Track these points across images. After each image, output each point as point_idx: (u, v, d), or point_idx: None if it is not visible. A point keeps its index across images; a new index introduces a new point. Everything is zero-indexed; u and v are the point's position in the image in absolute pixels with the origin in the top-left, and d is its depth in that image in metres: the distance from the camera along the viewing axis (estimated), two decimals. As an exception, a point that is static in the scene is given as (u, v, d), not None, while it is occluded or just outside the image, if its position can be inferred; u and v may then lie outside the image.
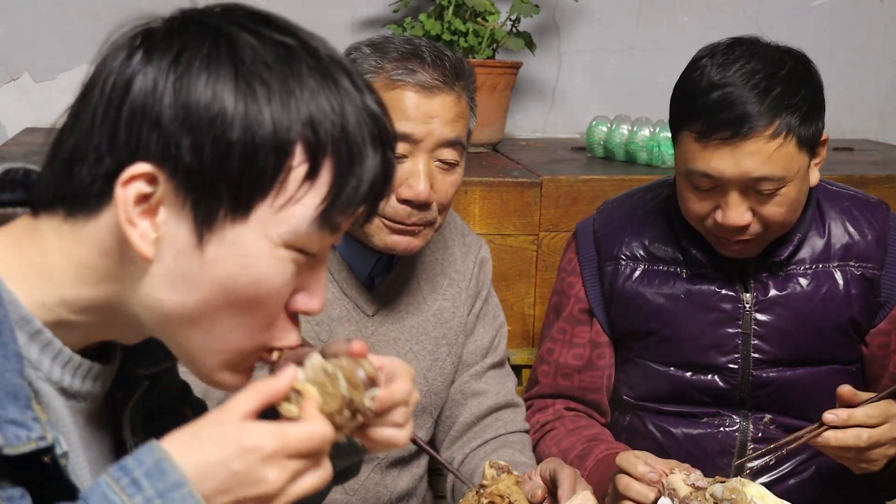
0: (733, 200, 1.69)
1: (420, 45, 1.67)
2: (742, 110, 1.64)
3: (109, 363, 1.04)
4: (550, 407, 1.95)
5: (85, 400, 1.01)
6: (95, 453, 1.04)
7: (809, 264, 1.83)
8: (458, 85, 1.66)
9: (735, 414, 1.86)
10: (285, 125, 0.91)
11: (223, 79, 0.90)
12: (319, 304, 0.98)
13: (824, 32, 3.29)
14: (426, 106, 1.63)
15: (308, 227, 0.93)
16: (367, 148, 0.94)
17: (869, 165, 2.78)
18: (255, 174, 0.91)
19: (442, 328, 1.84)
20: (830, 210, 1.85)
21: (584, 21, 3.14)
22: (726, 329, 1.83)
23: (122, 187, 0.91)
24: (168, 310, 0.94)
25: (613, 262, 1.90)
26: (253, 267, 0.93)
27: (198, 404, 1.20)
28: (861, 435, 1.57)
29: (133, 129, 0.91)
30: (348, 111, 0.93)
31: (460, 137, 1.67)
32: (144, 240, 0.92)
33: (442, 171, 1.67)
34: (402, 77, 1.62)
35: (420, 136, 1.63)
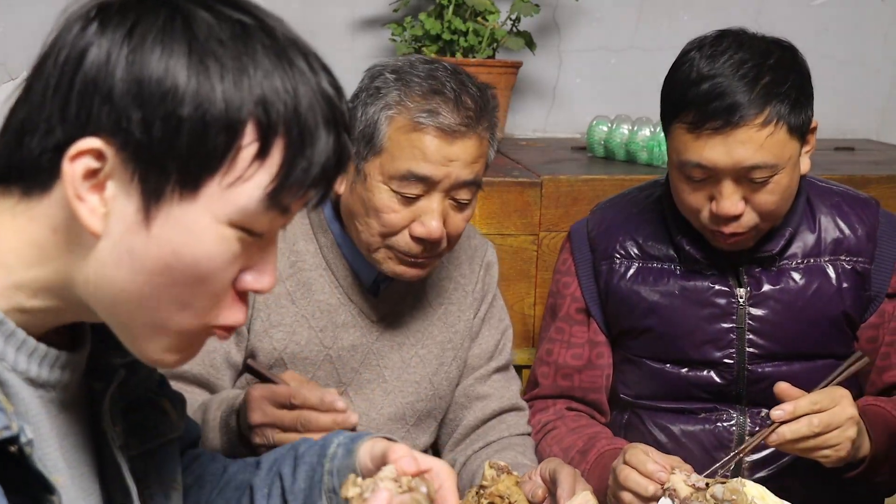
0: (727, 190, 1.70)
1: (444, 79, 1.64)
2: (732, 100, 1.66)
3: (77, 351, 1.03)
4: (551, 407, 1.95)
5: (55, 389, 1.00)
6: (72, 443, 1.03)
7: (801, 259, 1.85)
8: (481, 126, 1.65)
9: (732, 409, 1.87)
10: (237, 104, 0.90)
11: (177, 54, 0.90)
12: (269, 282, 0.98)
13: (825, 32, 3.28)
14: (446, 150, 1.62)
15: (256, 207, 0.93)
16: (319, 130, 0.94)
17: (870, 165, 2.77)
18: (205, 151, 0.90)
19: (447, 332, 1.84)
20: (821, 205, 1.87)
21: (584, 20, 3.13)
22: (721, 324, 1.84)
23: (70, 162, 0.90)
24: (115, 286, 0.94)
25: (608, 260, 1.91)
26: (197, 244, 0.92)
27: (175, 397, 1.20)
28: (812, 420, 1.60)
29: (84, 102, 0.90)
30: (301, 92, 0.93)
31: (478, 177, 1.67)
32: (93, 215, 0.91)
33: (454, 209, 1.67)
34: (423, 120, 1.61)
35: (438, 178, 1.62)
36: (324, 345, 1.73)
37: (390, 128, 1.63)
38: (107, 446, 1.06)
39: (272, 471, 1.27)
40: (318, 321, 1.73)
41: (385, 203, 1.63)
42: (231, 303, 0.97)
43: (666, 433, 1.89)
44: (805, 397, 1.62)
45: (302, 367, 1.71)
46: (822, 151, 2.98)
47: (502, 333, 1.92)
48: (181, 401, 1.21)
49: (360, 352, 1.76)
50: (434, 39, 2.70)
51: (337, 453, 1.21)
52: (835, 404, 1.63)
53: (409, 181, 1.62)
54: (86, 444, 1.05)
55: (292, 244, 1.73)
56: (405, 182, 1.62)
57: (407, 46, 2.73)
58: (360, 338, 1.75)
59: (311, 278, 1.73)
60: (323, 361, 1.73)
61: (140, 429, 1.12)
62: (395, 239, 1.65)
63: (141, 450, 1.12)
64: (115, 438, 1.07)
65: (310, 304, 1.73)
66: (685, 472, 1.53)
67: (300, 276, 1.73)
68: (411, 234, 1.64)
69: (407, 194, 1.63)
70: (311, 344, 1.72)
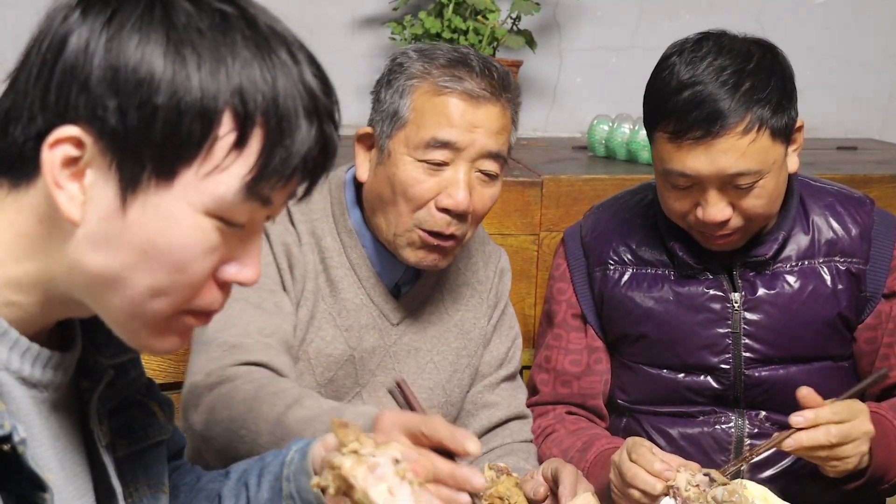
0: (712, 198, 1.70)
1: (468, 53, 1.65)
2: (713, 108, 1.65)
3: (69, 351, 1.03)
4: (551, 412, 1.95)
5: (47, 389, 1.00)
6: (64, 445, 1.03)
7: (795, 261, 1.84)
8: (504, 97, 1.64)
9: (730, 412, 1.87)
10: (212, 93, 0.90)
11: (154, 42, 0.90)
12: (252, 274, 0.98)
13: (827, 31, 3.28)
14: (471, 115, 1.61)
15: (234, 197, 0.93)
16: (299, 120, 0.93)
17: (872, 165, 2.77)
18: (180, 140, 0.90)
19: (463, 339, 1.82)
20: (814, 206, 1.86)
21: (585, 19, 3.12)
22: (716, 329, 1.84)
23: (49, 150, 0.91)
24: (92, 273, 0.94)
25: (602, 266, 1.91)
26: (172, 233, 0.92)
27: (163, 400, 1.20)
28: (830, 430, 1.59)
29: (63, 90, 0.91)
30: (281, 82, 0.92)
31: (502, 150, 1.65)
32: (72, 202, 0.92)
33: (482, 183, 1.65)
34: (448, 84, 1.61)
35: (463, 145, 1.61)
36: (349, 345, 1.71)
37: (413, 96, 1.63)
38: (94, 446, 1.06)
39: (240, 481, 1.26)
40: (345, 320, 1.72)
41: (410, 174, 1.62)
42: (209, 291, 0.97)
43: (665, 437, 1.89)
44: (827, 407, 1.61)
45: (325, 365, 1.70)
46: (823, 151, 2.98)
47: (512, 341, 1.90)
48: (169, 404, 1.21)
49: (378, 354, 1.74)
50: (434, 38, 2.69)
51: (294, 458, 1.20)
52: (854, 417, 1.61)
53: (433, 148, 1.61)
54: (78, 446, 1.05)
55: (319, 240, 1.72)
56: (430, 149, 1.61)
57: (407, 45, 2.72)
58: (379, 340, 1.74)
59: (338, 276, 1.72)
60: (346, 362, 1.72)
61: (128, 430, 1.12)
62: (421, 214, 1.63)
63: (128, 451, 1.12)
64: (101, 437, 1.07)
65: (337, 302, 1.71)
66: (691, 471, 1.53)
67: (328, 273, 1.72)
68: (438, 205, 1.62)
69: (432, 161, 1.61)
70: (336, 342, 1.71)
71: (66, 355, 1.02)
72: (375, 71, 3.03)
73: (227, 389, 1.49)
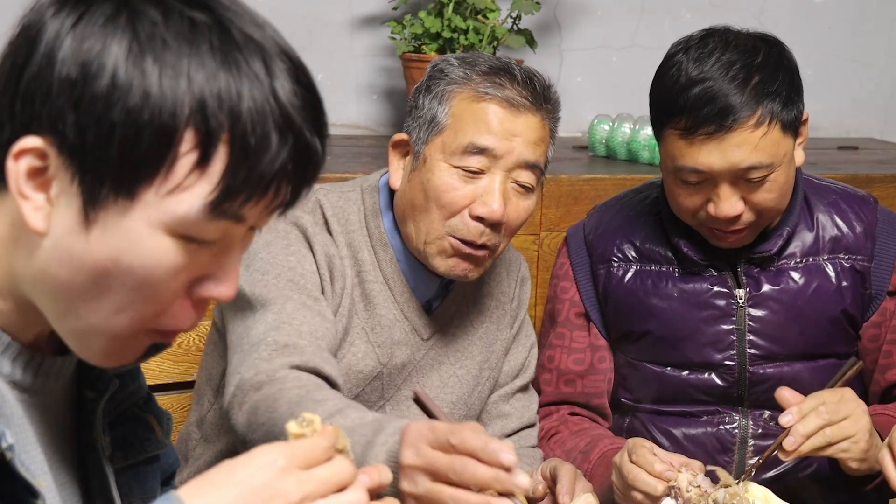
0: (724, 192, 1.69)
1: (510, 62, 1.63)
2: (724, 103, 1.65)
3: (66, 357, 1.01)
4: (555, 413, 1.94)
5: (38, 394, 0.98)
6: (55, 451, 1.01)
7: (800, 258, 1.84)
8: (544, 108, 1.63)
9: (734, 411, 1.86)
10: (170, 109, 0.85)
11: (114, 52, 0.85)
12: (228, 290, 0.94)
13: (829, 30, 3.27)
14: (510, 123, 1.59)
15: (197, 216, 0.88)
16: (269, 138, 0.87)
17: (874, 164, 2.76)
18: (138, 158, 0.86)
19: (485, 351, 1.80)
20: (818, 203, 1.86)
21: (585, 18, 3.12)
22: (721, 326, 1.83)
23: (14, 160, 0.88)
24: (56, 286, 0.91)
25: (606, 264, 1.90)
26: (134, 252, 0.88)
27: (161, 414, 1.18)
28: (825, 433, 1.57)
29: (27, 100, 0.87)
30: (248, 96, 0.87)
31: (539, 162, 1.62)
32: (37, 212, 0.89)
33: (517, 194, 1.62)
34: (489, 90, 1.59)
35: (500, 153, 1.58)
36: (380, 361, 1.67)
37: (453, 101, 1.61)
38: (94, 456, 1.05)
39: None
40: (378, 336, 1.68)
41: (445, 181, 1.59)
42: (180, 309, 0.93)
43: (668, 437, 1.88)
44: (809, 397, 1.60)
45: (354, 381, 1.65)
46: (825, 150, 2.98)
47: (528, 350, 1.88)
48: (168, 418, 1.19)
49: (407, 370, 1.71)
50: (434, 37, 2.68)
51: None
52: (838, 397, 1.60)
53: (470, 154, 1.58)
54: (68, 454, 1.04)
55: (356, 252, 1.68)
56: (467, 155, 1.58)
57: (407, 45, 2.72)
58: (409, 356, 1.70)
59: (373, 291, 1.68)
60: (375, 378, 1.68)
61: (125, 443, 1.11)
62: (454, 222, 1.59)
63: (125, 464, 1.10)
64: (104, 449, 1.06)
65: (371, 317, 1.68)
66: (692, 471, 1.52)
67: (364, 287, 1.68)
68: (471, 213, 1.59)
69: (468, 168, 1.58)
70: (367, 358, 1.66)
71: (60, 360, 1.00)
72: (375, 70, 3.07)
73: (274, 391, 1.43)
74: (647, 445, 1.57)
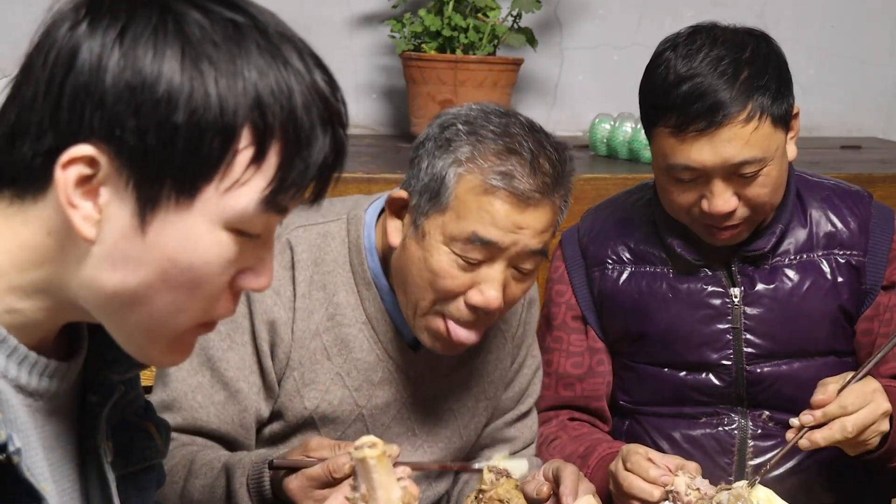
0: (717, 188, 1.69)
1: (520, 137, 1.51)
2: (714, 99, 1.65)
3: (71, 360, 1.02)
4: (554, 419, 1.94)
5: (42, 398, 0.99)
6: (58, 456, 1.02)
7: (794, 255, 1.83)
8: (556, 194, 1.53)
9: (733, 412, 1.86)
10: (232, 108, 0.89)
11: (170, 58, 0.88)
12: (266, 281, 0.97)
13: (831, 28, 3.26)
14: (517, 217, 1.49)
15: (254, 211, 0.92)
16: (315, 130, 0.92)
17: (876, 164, 2.76)
18: (201, 158, 0.89)
19: (482, 382, 1.75)
20: (811, 200, 1.87)
21: (586, 17, 3.11)
22: (716, 325, 1.83)
23: (63, 169, 0.89)
24: (109, 291, 0.93)
25: (600, 266, 1.90)
26: (194, 250, 0.91)
27: (160, 422, 1.19)
28: (846, 426, 1.58)
29: (76, 108, 0.89)
30: (297, 92, 0.91)
31: (545, 247, 1.55)
32: (87, 221, 0.90)
33: (516, 278, 1.55)
34: (496, 182, 1.48)
35: (504, 246, 1.50)
36: (357, 404, 1.63)
37: (459, 186, 1.50)
38: (96, 462, 1.05)
39: None
40: (354, 380, 1.63)
41: (444, 266, 1.50)
42: (224, 301, 0.97)
43: (668, 439, 1.87)
44: (834, 404, 1.60)
45: (332, 427, 1.63)
46: (827, 149, 2.97)
47: (534, 373, 1.84)
48: (166, 427, 1.20)
49: (394, 408, 1.67)
50: (434, 36, 2.68)
51: None
52: (866, 402, 1.60)
53: (473, 244, 1.49)
54: (71, 458, 1.04)
55: (332, 295, 1.62)
56: (469, 245, 1.49)
57: (406, 43, 2.71)
58: (395, 394, 1.66)
59: (350, 334, 1.62)
60: (355, 420, 1.64)
61: (125, 450, 1.11)
62: (446, 305, 1.53)
63: (125, 471, 1.11)
64: (107, 454, 1.06)
65: (346, 361, 1.62)
66: (689, 474, 1.51)
67: (338, 332, 1.62)
68: (467, 301, 1.51)
69: (469, 258, 1.50)
70: (344, 403, 1.63)
71: (66, 364, 1.01)
72: (374, 69, 3.06)
73: None
74: (642, 451, 1.57)
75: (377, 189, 2.40)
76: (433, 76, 2.65)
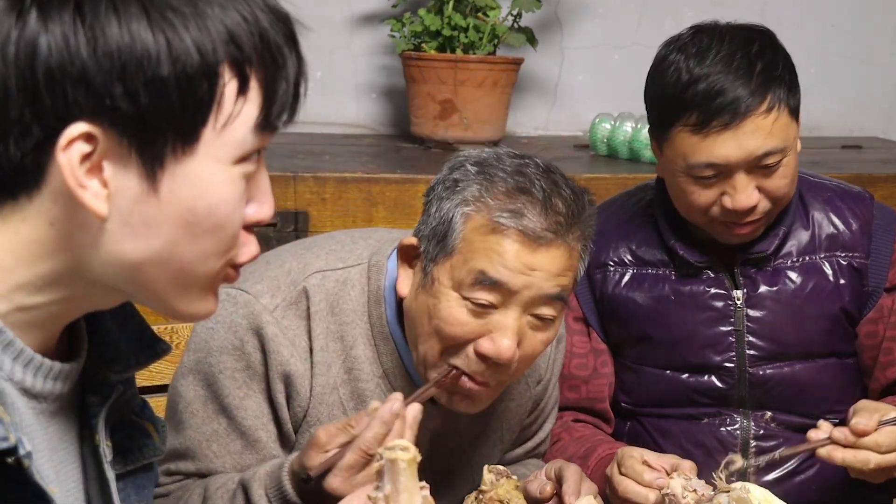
0: (740, 183, 1.69)
1: (533, 176, 1.42)
2: (735, 93, 1.66)
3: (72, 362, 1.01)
4: (558, 420, 1.92)
5: (46, 400, 0.99)
6: (62, 457, 1.02)
7: (797, 257, 1.83)
8: (571, 235, 1.42)
9: (735, 413, 1.85)
10: (209, 48, 0.90)
11: (135, 17, 0.89)
12: (269, 209, 0.99)
13: (832, 28, 3.26)
14: (528, 258, 1.39)
15: (252, 137, 0.94)
16: (284, 49, 0.94)
17: (877, 164, 2.76)
18: (194, 104, 0.90)
19: (501, 430, 1.68)
20: (813, 201, 1.86)
21: (586, 16, 3.11)
22: (719, 327, 1.82)
23: (64, 152, 0.89)
24: (135, 259, 0.93)
25: (602, 269, 1.89)
26: (210, 193, 0.93)
27: (158, 421, 1.18)
28: (869, 461, 1.55)
29: (56, 91, 0.88)
30: (260, 17, 0.93)
31: (564, 292, 1.43)
32: (97, 199, 0.90)
33: (534, 328, 1.44)
34: (505, 221, 1.39)
35: (516, 288, 1.39)
36: None
37: (466, 227, 1.42)
38: (96, 462, 1.05)
39: None
40: None
41: (452, 313, 1.41)
42: (245, 238, 0.98)
43: (669, 440, 1.86)
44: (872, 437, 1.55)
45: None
46: (828, 149, 2.97)
47: (554, 405, 1.79)
48: (163, 425, 1.19)
49: None
50: (434, 36, 2.67)
51: None
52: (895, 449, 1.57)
53: (481, 285, 1.40)
54: (73, 459, 1.04)
55: (350, 348, 1.54)
56: (477, 287, 1.40)
57: (406, 43, 2.71)
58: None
59: (367, 389, 1.54)
60: None
61: (123, 449, 1.11)
62: (455, 356, 1.43)
63: (124, 470, 1.10)
64: (107, 454, 1.06)
65: None
66: (685, 475, 1.51)
67: (355, 386, 1.54)
68: (477, 350, 1.41)
69: (479, 301, 1.40)
70: None
71: (68, 366, 1.00)
72: (375, 69, 3.06)
73: None
74: (637, 454, 1.55)
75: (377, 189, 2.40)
76: (433, 76, 2.65)
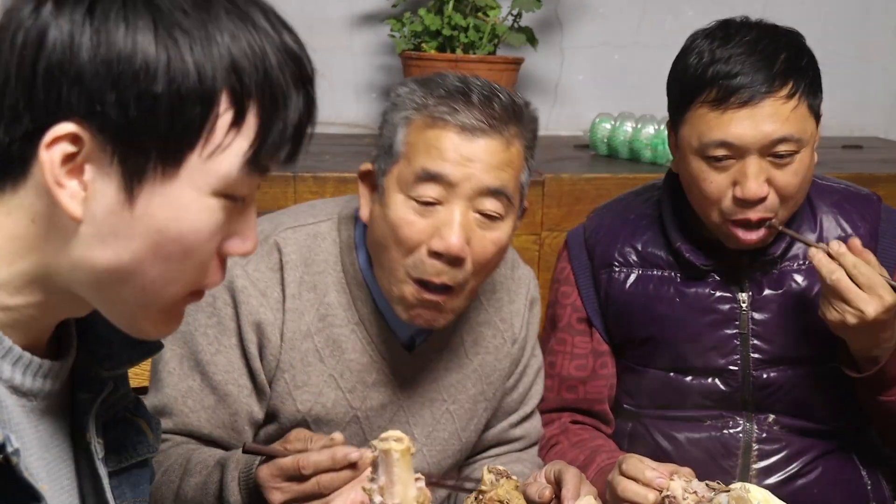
0: (752, 170, 1.68)
1: (472, 83, 1.50)
2: (756, 74, 1.67)
3: (62, 359, 1.01)
4: (556, 421, 1.93)
5: (36, 398, 0.99)
6: (54, 455, 1.02)
7: (803, 260, 1.82)
8: (508, 130, 1.49)
9: (738, 416, 1.85)
10: (210, 74, 0.89)
11: (142, 29, 0.88)
12: (252, 245, 0.99)
13: (833, 28, 3.26)
14: (466, 148, 1.47)
15: (238, 174, 0.93)
16: (290, 89, 0.93)
17: (878, 164, 2.76)
18: (183, 126, 0.90)
19: (481, 384, 1.73)
20: (821, 205, 1.86)
21: (587, 16, 3.11)
22: (724, 330, 1.82)
23: (47, 149, 0.89)
24: (101, 268, 0.93)
25: (607, 269, 1.89)
26: (183, 219, 0.92)
27: (152, 418, 1.19)
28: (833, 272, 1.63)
29: (52, 87, 0.88)
30: (269, 53, 0.92)
31: (505, 187, 1.49)
32: (73, 199, 0.90)
33: (481, 225, 1.50)
34: (442, 116, 1.47)
35: (456, 180, 1.46)
36: (352, 406, 1.61)
37: (407, 129, 1.50)
38: (88, 459, 1.05)
39: None
40: (347, 381, 1.60)
41: (400, 214, 1.48)
42: (213, 268, 0.98)
43: (671, 442, 1.86)
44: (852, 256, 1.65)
45: (327, 429, 1.59)
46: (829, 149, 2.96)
47: (537, 373, 1.83)
48: (157, 422, 1.20)
49: (390, 410, 1.65)
50: (434, 35, 2.67)
51: None
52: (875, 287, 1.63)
53: (423, 181, 1.47)
54: (66, 456, 1.04)
55: (323, 296, 1.59)
56: (420, 183, 1.47)
57: (406, 42, 2.70)
58: (390, 396, 1.64)
59: (342, 335, 1.60)
60: (350, 422, 1.62)
61: (118, 446, 1.11)
62: (412, 260, 1.49)
63: (117, 467, 1.11)
64: (98, 451, 1.06)
65: (339, 363, 1.60)
66: (685, 478, 1.50)
67: (330, 332, 1.59)
68: (429, 249, 1.48)
69: (422, 198, 1.47)
70: (338, 405, 1.61)
71: (58, 363, 1.00)
72: (374, 69, 3.05)
73: None
74: (637, 457, 1.54)
75: (377, 189, 2.40)
76: (433, 75, 2.65)
